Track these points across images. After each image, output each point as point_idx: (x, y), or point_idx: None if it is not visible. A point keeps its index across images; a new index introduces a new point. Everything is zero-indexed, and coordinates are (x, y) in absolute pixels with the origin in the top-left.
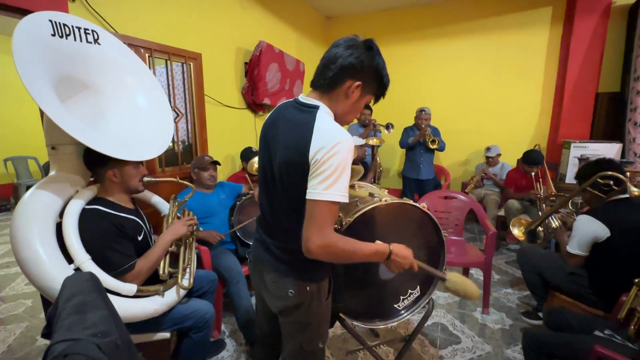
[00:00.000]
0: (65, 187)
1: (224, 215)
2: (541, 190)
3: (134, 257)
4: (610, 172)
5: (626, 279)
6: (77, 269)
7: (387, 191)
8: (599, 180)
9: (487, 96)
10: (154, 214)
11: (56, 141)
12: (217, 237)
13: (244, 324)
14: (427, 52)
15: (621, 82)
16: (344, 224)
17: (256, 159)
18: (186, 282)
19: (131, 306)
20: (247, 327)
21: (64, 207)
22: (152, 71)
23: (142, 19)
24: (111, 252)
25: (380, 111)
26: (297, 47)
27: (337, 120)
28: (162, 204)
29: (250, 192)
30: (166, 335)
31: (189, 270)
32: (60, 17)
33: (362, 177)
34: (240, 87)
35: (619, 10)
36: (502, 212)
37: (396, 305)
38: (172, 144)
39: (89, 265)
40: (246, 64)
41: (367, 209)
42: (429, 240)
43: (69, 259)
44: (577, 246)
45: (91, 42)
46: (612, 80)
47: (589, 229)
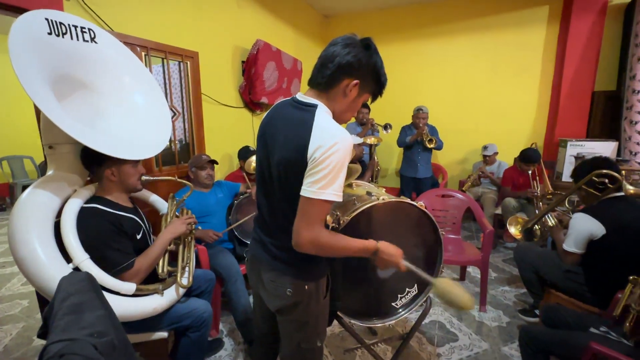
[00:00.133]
0: (63, 186)
1: (221, 214)
2: (538, 188)
3: (133, 255)
4: (605, 171)
5: (621, 277)
6: (76, 268)
7: (384, 190)
8: (594, 178)
9: (484, 95)
10: (152, 212)
11: (53, 140)
12: (213, 236)
13: (242, 322)
14: (424, 50)
15: (617, 81)
16: (341, 222)
17: (254, 158)
18: (185, 281)
19: (130, 305)
20: (245, 326)
21: (62, 207)
22: (148, 70)
23: (138, 17)
24: (109, 251)
25: (378, 110)
26: (295, 46)
27: (335, 118)
28: (160, 202)
29: (247, 191)
30: (164, 334)
31: (188, 268)
32: (56, 15)
33: (360, 176)
34: (237, 86)
35: (615, 9)
36: (499, 211)
37: (394, 303)
38: (169, 143)
39: (88, 264)
40: (243, 62)
41: (365, 207)
42: (426, 238)
43: (68, 258)
44: (573, 244)
45: (88, 41)
46: (608, 78)
47: (585, 227)
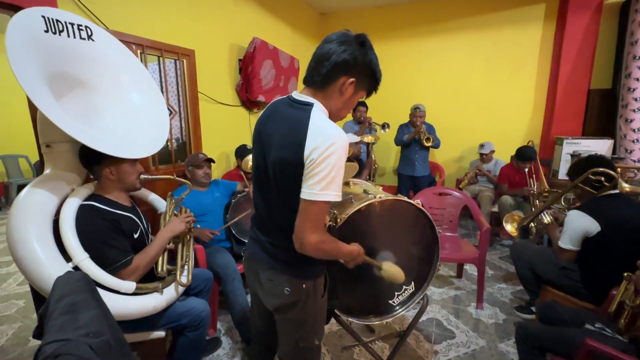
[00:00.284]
0: (61, 185)
1: (219, 213)
2: (534, 186)
3: (131, 252)
4: (602, 169)
5: (616, 273)
6: (76, 268)
7: (381, 188)
8: (590, 176)
9: (481, 93)
10: (150, 211)
11: (51, 139)
12: (209, 234)
13: (240, 321)
14: (421, 48)
15: (613, 79)
16: (338, 220)
17: (251, 157)
18: (184, 279)
19: (131, 303)
20: (243, 325)
21: (60, 205)
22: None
23: (133, 15)
24: (106, 248)
25: (375, 108)
26: (292, 44)
27: (331, 116)
28: (158, 201)
29: (245, 189)
30: (161, 334)
31: (187, 267)
32: (53, 12)
33: (357, 174)
34: (234, 84)
35: (610, 7)
36: (496, 208)
37: (391, 301)
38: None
39: (87, 263)
40: (240, 60)
41: (362, 205)
42: (423, 236)
43: (67, 257)
44: (568, 241)
45: (85, 39)
46: (604, 77)
47: (580, 224)
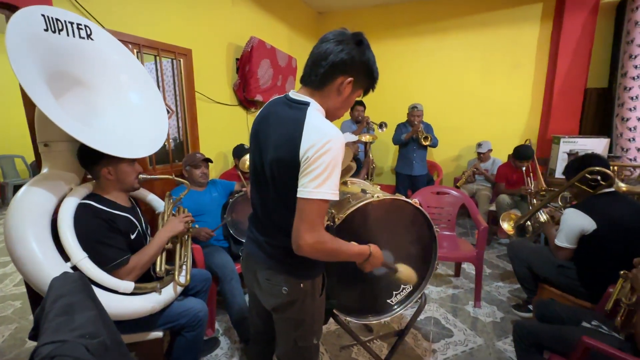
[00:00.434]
0: (59, 184)
1: (216, 213)
2: (532, 185)
3: (128, 251)
4: (598, 168)
5: (613, 271)
6: (74, 267)
7: (379, 187)
8: (587, 175)
9: (478, 92)
10: (148, 211)
11: (49, 138)
12: (205, 234)
13: (238, 321)
14: (418, 48)
15: (609, 78)
16: (336, 220)
17: (248, 156)
18: (183, 279)
19: (129, 304)
20: (241, 325)
21: (58, 205)
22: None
23: (130, 14)
24: (103, 247)
25: (372, 108)
26: (289, 43)
27: (328, 115)
28: (156, 201)
29: (243, 189)
30: (159, 334)
31: (185, 267)
32: (52, 11)
33: (355, 174)
34: (231, 84)
35: (607, 7)
36: (493, 207)
37: (389, 300)
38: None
39: (86, 263)
40: (237, 60)
41: (359, 205)
42: (421, 235)
43: (65, 256)
44: (564, 239)
45: (84, 38)
46: (600, 76)
47: (576, 222)
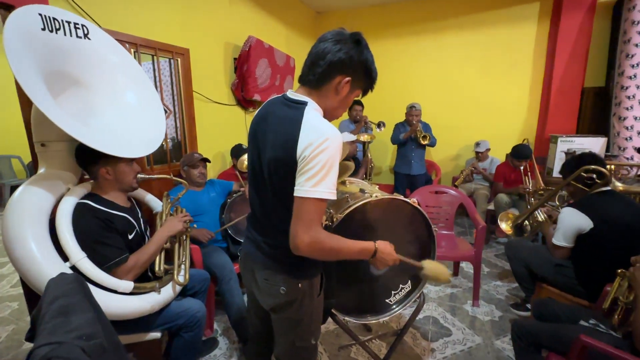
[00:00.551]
0: (57, 184)
1: (214, 213)
2: (530, 184)
3: (126, 250)
4: (593, 166)
5: (610, 270)
6: (73, 267)
7: (377, 187)
8: (582, 174)
9: (476, 92)
10: (146, 211)
11: (46, 138)
12: (207, 235)
13: (237, 321)
14: (416, 47)
15: (606, 77)
16: (334, 220)
17: (246, 156)
18: (182, 278)
19: (128, 303)
20: (240, 325)
21: (56, 205)
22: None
23: (127, 13)
24: (101, 246)
25: (371, 107)
26: (287, 43)
27: (326, 115)
28: (154, 201)
29: (241, 189)
30: (157, 335)
31: (183, 266)
32: (49, 10)
33: (354, 173)
34: (229, 83)
35: (603, 6)
36: (491, 206)
37: (388, 300)
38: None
39: (85, 263)
40: (235, 59)
41: (358, 205)
42: (419, 234)
43: (64, 256)
44: (562, 238)
45: (81, 37)
46: (598, 75)
47: (572, 221)
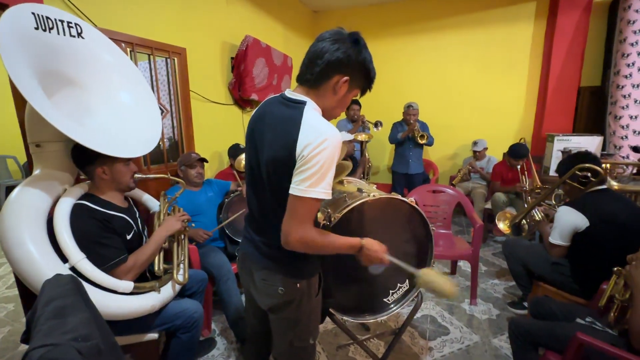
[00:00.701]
0: (53, 184)
1: (212, 213)
2: (526, 183)
3: (125, 251)
4: (588, 165)
5: (606, 268)
6: (72, 268)
7: (375, 186)
8: (577, 172)
9: (473, 91)
10: (143, 211)
11: (40, 138)
12: (203, 235)
13: (234, 321)
14: (414, 47)
15: (602, 77)
16: (332, 219)
17: (244, 156)
18: (181, 277)
19: (129, 303)
20: (238, 325)
21: (53, 205)
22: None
23: (123, 12)
24: (100, 247)
25: (368, 107)
26: (284, 42)
27: (324, 115)
28: (151, 201)
29: (238, 189)
30: (154, 335)
31: (182, 265)
32: (42, 9)
33: (351, 173)
34: (227, 83)
35: (599, 6)
36: (489, 205)
37: (385, 299)
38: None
39: (84, 264)
40: (232, 59)
41: (356, 204)
42: (417, 233)
43: (63, 257)
44: (558, 236)
45: (75, 36)
46: (594, 74)
47: (569, 220)
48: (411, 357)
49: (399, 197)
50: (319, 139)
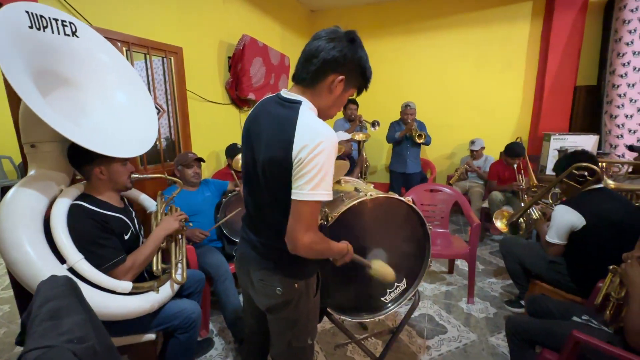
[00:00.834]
0: (49, 185)
1: (209, 212)
2: (523, 181)
3: (123, 251)
4: (584, 164)
5: (602, 266)
6: (70, 269)
7: (373, 186)
8: (574, 171)
9: (470, 90)
10: (140, 211)
11: (35, 139)
12: (200, 234)
13: (232, 322)
14: (411, 46)
15: (598, 76)
16: (329, 219)
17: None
18: (179, 277)
19: (128, 303)
20: (236, 325)
21: (49, 206)
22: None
23: (119, 11)
24: (98, 248)
25: (365, 106)
26: (282, 41)
27: (320, 114)
28: (148, 201)
29: (236, 189)
30: (152, 336)
31: (180, 265)
32: (36, 8)
33: (349, 172)
34: (223, 82)
35: (595, 6)
36: (486, 204)
37: (383, 298)
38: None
39: (83, 264)
40: (229, 58)
41: (353, 204)
42: (414, 233)
43: (61, 258)
44: (555, 235)
45: (69, 35)
46: (590, 74)
47: (565, 219)
48: (409, 356)
49: (397, 196)
50: (316, 141)
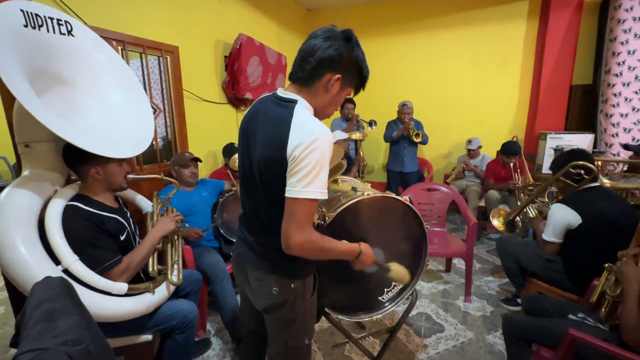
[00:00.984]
0: (44, 185)
1: (206, 212)
2: (519, 180)
3: (119, 252)
4: (581, 162)
5: (597, 264)
6: (65, 271)
7: (370, 185)
8: (570, 170)
9: (467, 89)
10: (135, 211)
11: (30, 139)
12: (195, 234)
13: (230, 322)
14: (408, 45)
15: (593, 75)
16: (327, 218)
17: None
18: (175, 278)
19: (124, 305)
20: (233, 325)
21: (44, 207)
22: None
23: (114, 10)
24: (93, 249)
25: (362, 105)
26: (278, 40)
27: (317, 114)
28: (143, 201)
29: (233, 188)
30: (149, 337)
31: (177, 266)
32: (31, 6)
33: (346, 172)
34: (220, 82)
35: (590, 5)
36: (482, 203)
37: (380, 297)
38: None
39: (77, 266)
40: (226, 57)
41: (350, 203)
42: (412, 232)
43: (56, 259)
44: (551, 233)
45: (65, 34)
46: (585, 73)
47: (562, 217)
48: (406, 355)
49: (394, 195)
50: (310, 139)
